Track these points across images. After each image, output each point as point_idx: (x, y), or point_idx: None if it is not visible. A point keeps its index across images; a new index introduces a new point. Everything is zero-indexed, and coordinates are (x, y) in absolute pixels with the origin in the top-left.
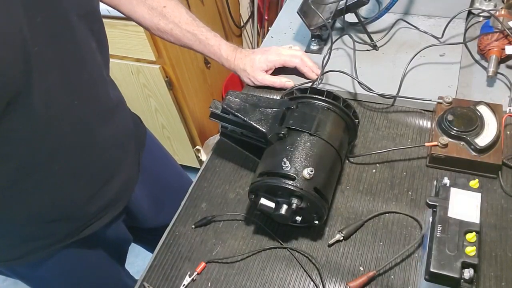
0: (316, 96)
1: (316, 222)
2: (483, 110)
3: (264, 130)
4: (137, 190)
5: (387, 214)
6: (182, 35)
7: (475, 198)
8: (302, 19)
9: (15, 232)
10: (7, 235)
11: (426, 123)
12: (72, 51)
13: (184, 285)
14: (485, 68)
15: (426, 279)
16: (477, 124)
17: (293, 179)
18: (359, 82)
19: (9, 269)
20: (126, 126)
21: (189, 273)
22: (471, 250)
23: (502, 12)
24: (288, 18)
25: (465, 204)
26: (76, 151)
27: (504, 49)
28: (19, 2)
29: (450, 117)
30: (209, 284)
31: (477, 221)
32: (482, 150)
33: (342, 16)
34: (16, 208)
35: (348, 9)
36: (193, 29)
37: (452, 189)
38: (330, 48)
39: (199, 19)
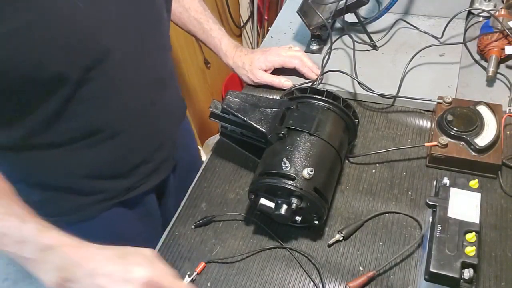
0: (316, 96)
1: (316, 222)
2: (482, 110)
3: (264, 130)
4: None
5: (387, 214)
6: (189, 21)
7: (474, 198)
8: (302, 19)
9: (71, 184)
10: (63, 187)
11: (426, 123)
12: (150, 17)
13: None
14: (485, 68)
15: (425, 279)
16: (476, 124)
17: (293, 179)
18: (359, 82)
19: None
20: (177, 95)
21: (188, 273)
22: (470, 250)
23: (502, 12)
24: (288, 18)
25: (464, 204)
26: (138, 115)
27: (504, 49)
28: None
29: (450, 117)
30: (208, 284)
31: (477, 221)
32: (482, 150)
33: (342, 16)
34: (78, 162)
35: (348, 9)
36: (200, 17)
37: (452, 189)
38: (330, 48)
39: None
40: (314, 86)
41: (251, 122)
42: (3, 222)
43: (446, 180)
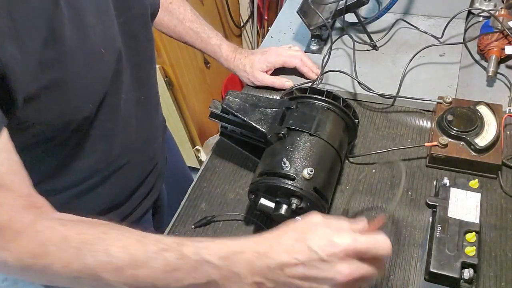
0: (316, 96)
1: None
2: (483, 110)
3: (264, 130)
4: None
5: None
6: (185, 33)
7: (475, 198)
8: (302, 19)
9: None
10: None
11: (426, 123)
12: (145, 48)
13: None
14: (485, 68)
15: (426, 279)
16: (477, 124)
17: (293, 179)
18: (359, 82)
19: None
20: (161, 113)
21: None
22: (470, 250)
23: (502, 12)
24: (288, 18)
25: (465, 204)
26: (139, 145)
27: (504, 49)
28: (112, 5)
29: (450, 117)
30: None
31: (477, 221)
32: (482, 150)
33: (342, 16)
34: (78, 203)
35: (348, 9)
36: (196, 27)
37: (452, 189)
38: (330, 48)
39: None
40: (314, 86)
41: (251, 122)
42: (160, 258)
43: (446, 180)
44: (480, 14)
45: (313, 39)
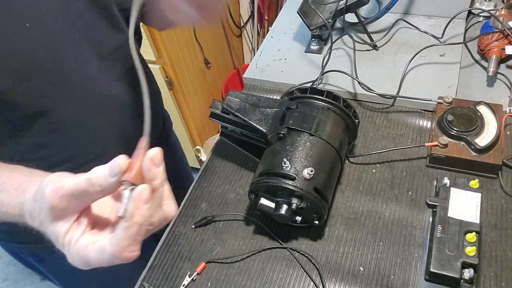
0: (316, 96)
1: (316, 222)
2: (483, 110)
3: (264, 130)
4: None
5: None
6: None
7: (475, 198)
8: (302, 19)
9: None
10: None
11: (426, 123)
12: (111, 39)
13: (184, 285)
14: (485, 68)
15: (426, 279)
16: (477, 124)
17: (293, 179)
18: (359, 82)
19: (30, 252)
20: (158, 118)
21: (189, 273)
22: (471, 250)
23: (502, 12)
24: (288, 18)
25: (465, 204)
26: (111, 141)
27: (504, 49)
28: None
29: (450, 117)
30: (209, 284)
31: (477, 221)
32: (482, 150)
33: (342, 16)
34: None
35: (348, 9)
36: None
37: (452, 189)
38: (330, 48)
39: None
40: (314, 86)
41: (251, 122)
42: None
43: (446, 180)
44: (480, 14)
45: (313, 39)
